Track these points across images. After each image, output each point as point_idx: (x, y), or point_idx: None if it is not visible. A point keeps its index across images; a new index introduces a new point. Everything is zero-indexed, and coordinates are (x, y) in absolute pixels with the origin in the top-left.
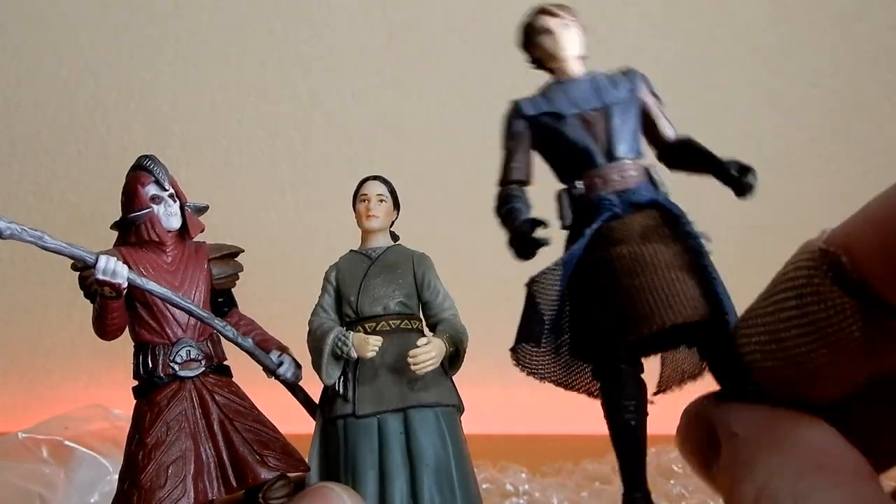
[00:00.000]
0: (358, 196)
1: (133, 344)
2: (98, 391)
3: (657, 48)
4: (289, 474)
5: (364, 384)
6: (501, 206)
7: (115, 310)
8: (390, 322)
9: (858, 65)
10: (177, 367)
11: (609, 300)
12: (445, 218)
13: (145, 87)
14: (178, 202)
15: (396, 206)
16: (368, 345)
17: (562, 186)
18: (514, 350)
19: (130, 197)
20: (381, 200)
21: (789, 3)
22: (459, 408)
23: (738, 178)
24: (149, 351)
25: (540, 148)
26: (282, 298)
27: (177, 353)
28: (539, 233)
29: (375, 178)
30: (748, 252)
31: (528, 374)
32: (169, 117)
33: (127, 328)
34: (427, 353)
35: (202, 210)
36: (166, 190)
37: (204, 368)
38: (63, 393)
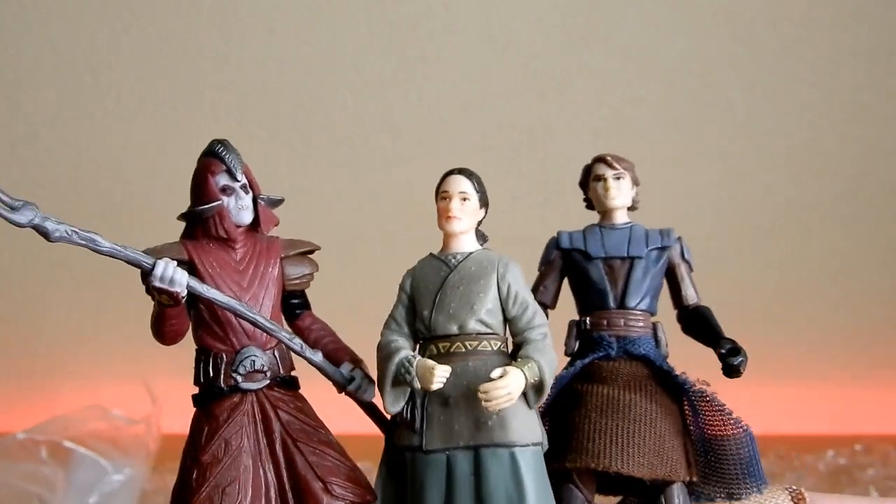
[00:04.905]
0: (439, 192)
1: (195, 347)
2: (98, 391)
3: (657, 48)
4: None
5: (433, 415)
6: None
7: (173, 316)
8: (467, 343)
9: (858, 65)
10: (239, 379)
11: (574, 426)
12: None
13: (145, 87)
14: (250, 194)
15: (484, 203)
16: (434, 376)
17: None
18: None
19: (200, 187)
20: (465, 199)
21: (789, 3)
22: (543, 445)
23: (724, 358)
24: (210, 358)
25: (568, 279)
26: None
27: (240, 362)
28: None
29: (460, 171)
30: (748, 251)
31: None
32: (169, 117)
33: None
34: (503, 388)
35: (277, 203)
36: (238, 181)
37: (269, 381)
38: (63, 393)
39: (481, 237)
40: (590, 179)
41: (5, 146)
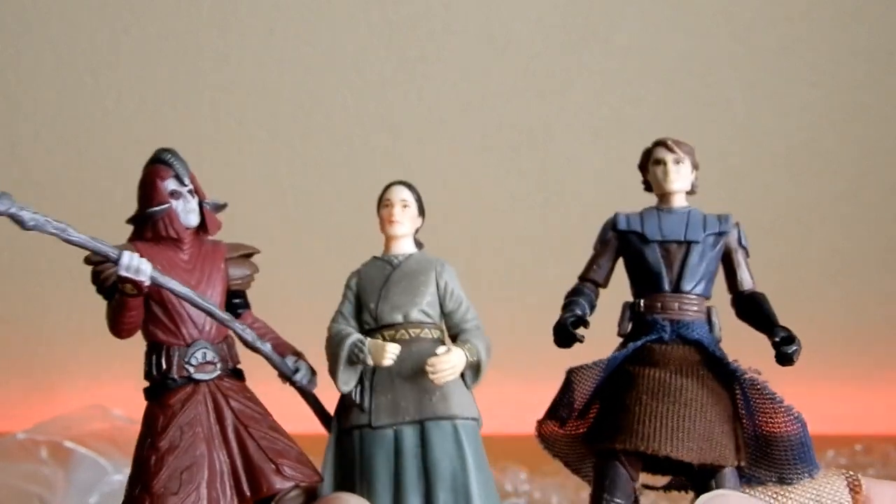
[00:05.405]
0: (381, 201)
1: (146, 344)
2: (98, 391)
3: (657, 48)
4: (302, 484)
5: (380, 394)
6: (569, 295)
7: (133, 308)
8: (410, 331)
9: (858, 65)
10: (192, 370)
11: (625, 408)
12: (445, 218)
13: (145, 87)
14: (196, 198)
15: (421, 212)
16: (386, 352)
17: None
18: (540, 423)
19: (149, 191)
20: (405, 206)
21: (789, 3)
22: (479, 421)
23: (778, 346)
24: (163, 352)
25: (624, 260)
26: (282, 298)
27: (192, 354)
28: (580, 330)
29: (400, 183)
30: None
31: (545, 448)
32: (169, 117)
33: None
34: (446, 361)
35: (220, 207)
36: (186, 185)
37: (219, 372)
38: (63, 393)
39: (418, 244)
40: (649, 163)
41: (5, 146)
